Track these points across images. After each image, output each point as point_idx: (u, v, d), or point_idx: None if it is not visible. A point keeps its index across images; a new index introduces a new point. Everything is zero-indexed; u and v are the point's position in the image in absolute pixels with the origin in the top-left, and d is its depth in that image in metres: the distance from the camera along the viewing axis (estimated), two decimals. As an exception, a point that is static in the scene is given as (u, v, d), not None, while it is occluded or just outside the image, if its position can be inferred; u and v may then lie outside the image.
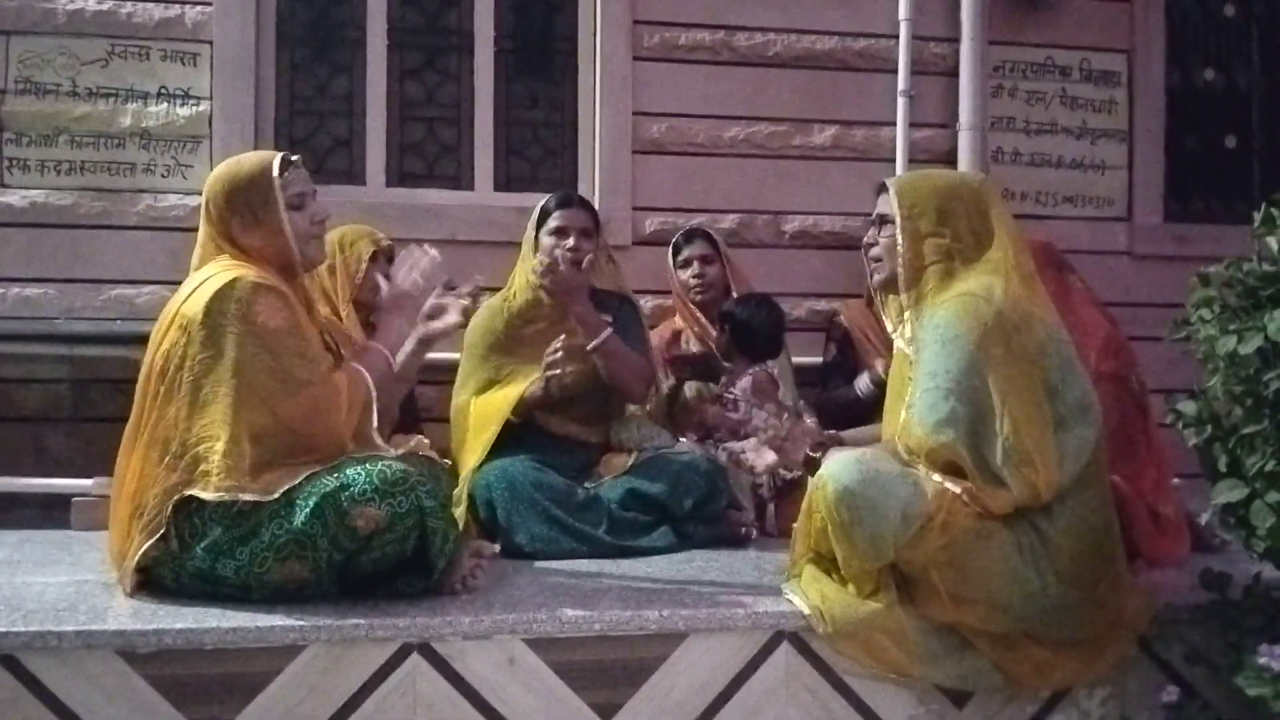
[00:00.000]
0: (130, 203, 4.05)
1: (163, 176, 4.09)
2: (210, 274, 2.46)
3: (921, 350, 2.39)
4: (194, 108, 4.11)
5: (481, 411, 3.28)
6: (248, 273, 2.44)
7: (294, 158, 2.58)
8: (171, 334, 2.41)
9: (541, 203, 3.47)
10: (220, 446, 2.30)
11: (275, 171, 2.51)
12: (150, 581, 2.41)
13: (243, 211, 2.50)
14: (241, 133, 4.12)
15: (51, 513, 3.42)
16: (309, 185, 2.59)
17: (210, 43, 4.11)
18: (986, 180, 2.63)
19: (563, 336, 3.17)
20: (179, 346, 2.39)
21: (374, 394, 2.51)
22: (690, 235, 4.07)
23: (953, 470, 2.30)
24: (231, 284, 2.40)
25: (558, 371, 3.14)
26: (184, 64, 4.10)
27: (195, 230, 3.90)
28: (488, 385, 3.35)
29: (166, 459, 2.34)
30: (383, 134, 4.37)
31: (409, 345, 2.64)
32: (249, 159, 2.59)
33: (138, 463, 2.39)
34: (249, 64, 4.15)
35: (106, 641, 2.15)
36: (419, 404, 3.81)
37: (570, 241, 3.35)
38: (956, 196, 2.49)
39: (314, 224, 2.57)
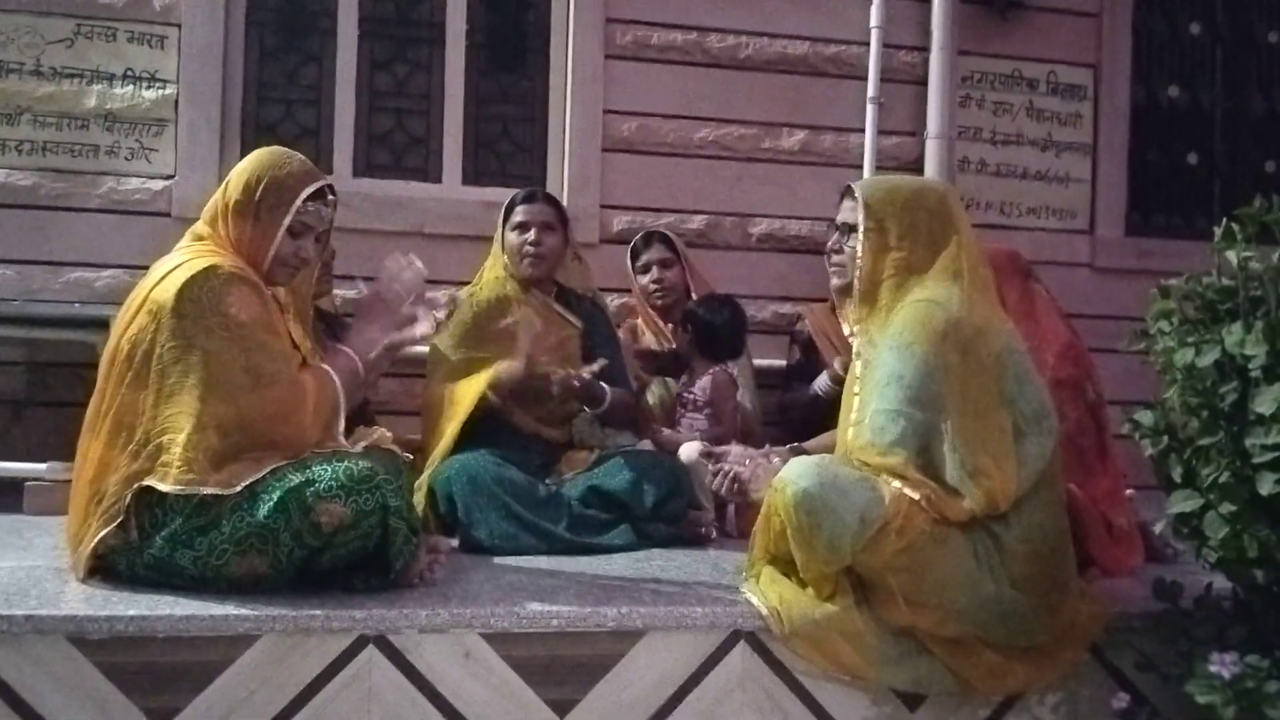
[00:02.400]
0: (92, 185, 4.01)
1: (126, 160, 4.04)
2: (185, 259, 2.42)
3: (877, 357, 2.41)
4: (160, 91, 4.06)
5: (455, 396, 3.29)
6: (224, 261, 2.41)
7: (332, 196, 2.56)
8: (140, 319, 2.37)
9: (508, 199, 3.50)
10: (182, 439, 2.27)
11: (306, 192, 2.49)
12: (104, 569, 2.38)
13: (252, 199, 2.47)
14: (208, 118, 4.08)
15: (4, 497, 3.37)
16: (322, 225, 2.56)
17: (179, 26, 4.07)
18: (949, 188, 2.65)
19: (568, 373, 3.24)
20: (147, 332, 2.35)
21: (342, 399, 2.48)
22: (648, 239, 4.06)
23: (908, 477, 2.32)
24: (206, 272, 2.36)
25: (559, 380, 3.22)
26: (151, 46, 4.06)
27: (159, 215, 3.98)
28: (458, 375, 3.35)
29: (130, 447, 2.31)
30: (351, 124, 4.34)
31: (375, 351, 2.62)
32: (300, 164, 2.54)
33: (99, 447, 2.35)
34: (217, 49, 4.11)
35: (57, 627, 2.12)
36: (379, 397, 3.80)
37: (531, 235, 3.38)
38: (922, 207, 2.51)
39: (297, 257, 2.53)
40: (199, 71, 4.08)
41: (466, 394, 3.27)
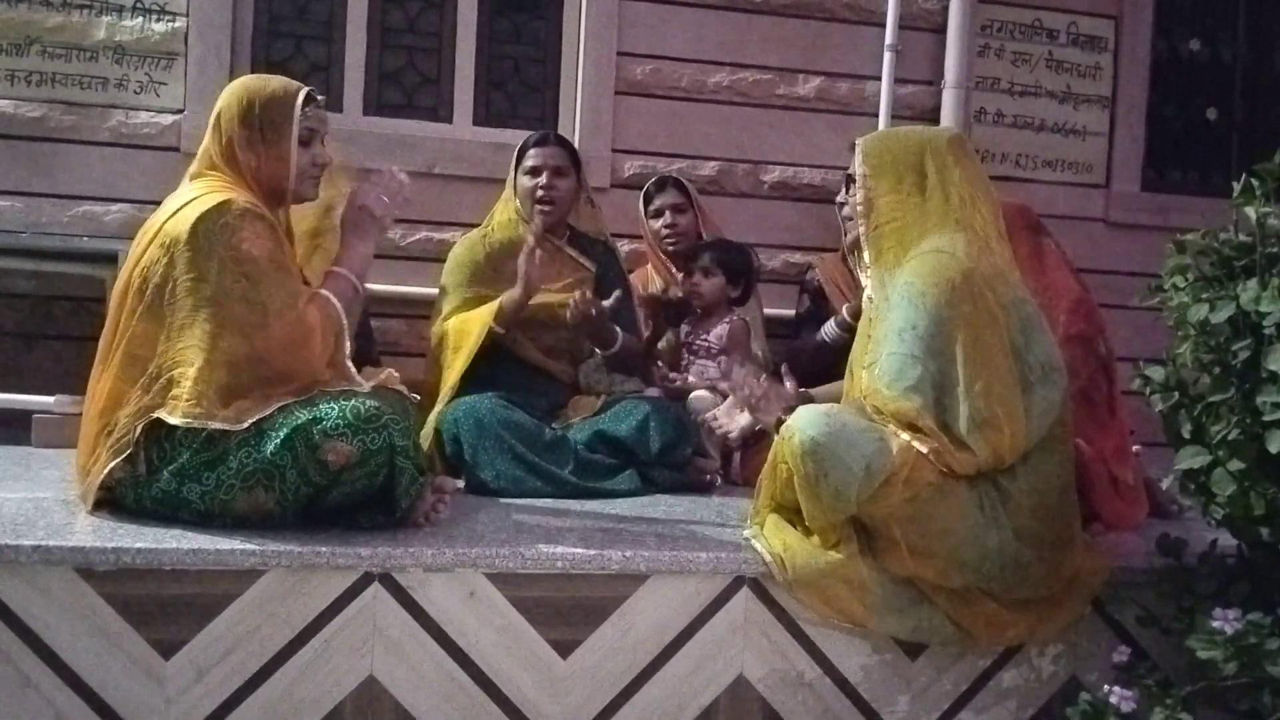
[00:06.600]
0: (101, 118, 3.97)
1: (135, 93, 4.00)
2: (198, 194, 2.42)
3: (889, 307, 2.39)
4: (170, 24, 4.02)
5: (461, 328, 3.29)
6: (237, 196, 2.40)
7: (319, 96, 2.57)
8: (152, 251, 2.38)
9: (521, 142, 3.46)
10: (193, 372, 2.28)
11: (300, 100, 2.49)
12: (112, 502, 2.40)
13: (253, 127, 2.47)
14: (217, 52, 4.04)
15: (12, 430, 3.38)
16: (323, 126, 2.58)
17: (188, -43, 4.02)
18: (957, 136, 2.58)
19: (577, 295, 3.21)
20: (159, 265, 2.35)
21: (345, 323, 2.49)
22: (661, 184, 4.03)
23: (917, 428, 2.31)
24: (220, 207, 2.36)
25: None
26: (161, -21, 4.01)
27: (168, 150, 3.95)
28: (467, 311, 3.34)
29: (141, 380, 2.32)
30: (362, 61, 4.29)
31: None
32: (277, 79, 2.56)
33: (109, 379, 2.36)
34: (228, -19, 4.06)
35: (65, 558, 2.13)
36: (387, 338, 3.79)
37: (544, 180, 3.36)
38: (921, 155, 2.47)
39: (314, 164, 2.55)
40: (209, 5, 4.03)
41: (473, 327, 3.26)
